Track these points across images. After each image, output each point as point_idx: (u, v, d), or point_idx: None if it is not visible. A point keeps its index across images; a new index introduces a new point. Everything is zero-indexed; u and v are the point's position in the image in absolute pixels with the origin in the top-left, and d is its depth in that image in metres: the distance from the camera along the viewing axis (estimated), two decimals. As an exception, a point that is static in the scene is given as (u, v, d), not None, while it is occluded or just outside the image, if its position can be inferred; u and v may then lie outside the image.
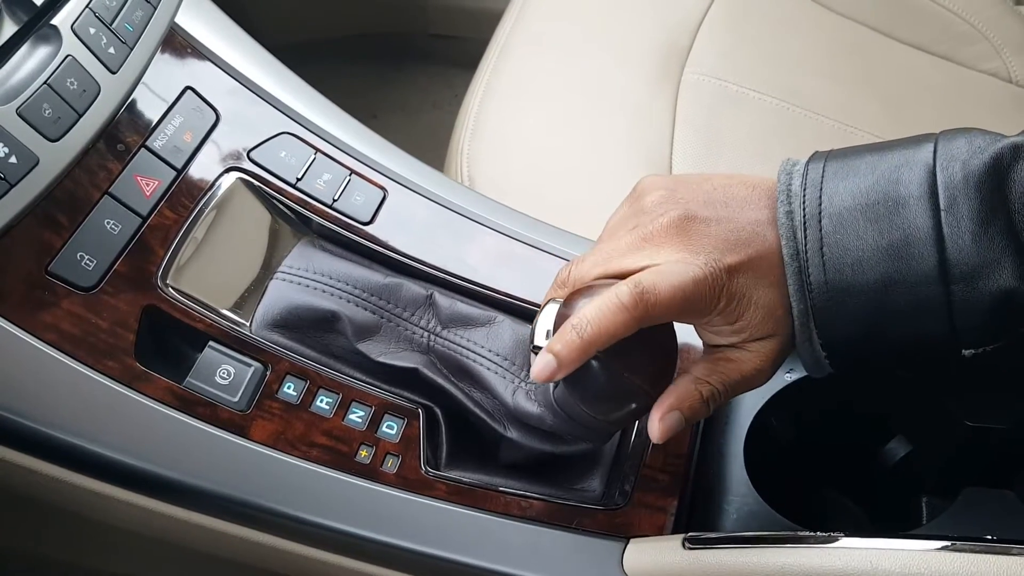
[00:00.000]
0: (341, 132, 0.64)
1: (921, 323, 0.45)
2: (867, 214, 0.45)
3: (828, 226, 0.46)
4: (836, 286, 0.46)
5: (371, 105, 1.39)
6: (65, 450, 0.51)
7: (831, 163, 0.48)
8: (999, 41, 1.06)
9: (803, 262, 0.46)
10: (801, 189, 0.47)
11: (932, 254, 0.44)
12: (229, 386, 0.53)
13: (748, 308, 0.47)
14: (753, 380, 0.49)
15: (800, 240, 0.46)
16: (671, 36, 0.97)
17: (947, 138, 0.46)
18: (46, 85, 0.52)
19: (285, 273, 0.58)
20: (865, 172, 0.46)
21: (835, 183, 0.47)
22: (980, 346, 0.47)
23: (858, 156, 0.48)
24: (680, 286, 0.46)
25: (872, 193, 0.46)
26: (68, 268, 0.52)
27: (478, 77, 0.93)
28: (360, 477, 0.53)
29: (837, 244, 0.45)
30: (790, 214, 0.47)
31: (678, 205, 0.49)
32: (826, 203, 0.46)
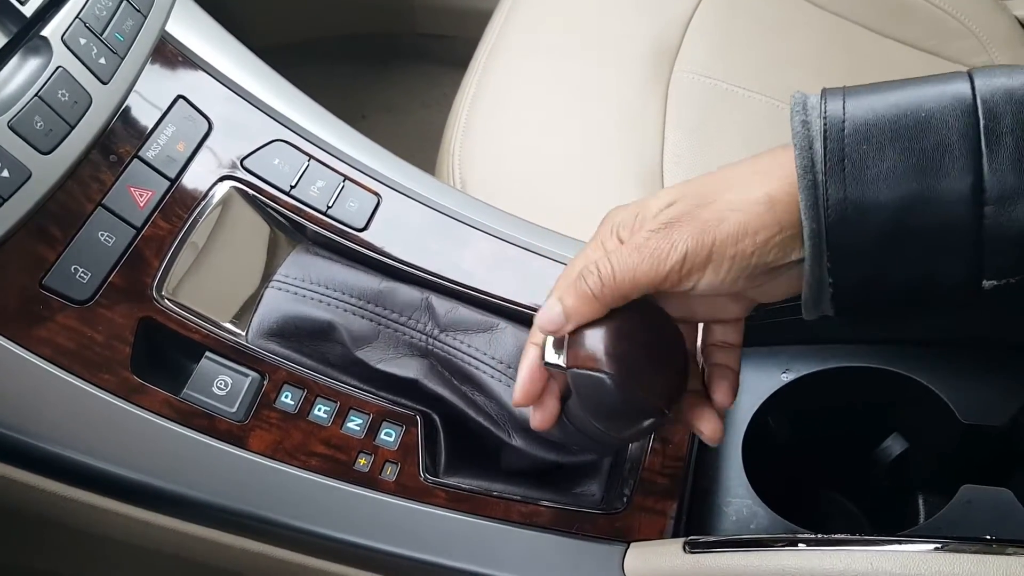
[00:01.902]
0: (334, 138, 0.64)
1: (945, 247, 0.42)
2: (894, 128, 0.42)
3: (851, 137, 0.42)
4: (855, 202, 0.42)
5: (360, 105, 1.39)
6: (62, 465, 0.50)
7: (851, 89, 0.44)
8: (985, 37, 1.06)
9: (820, 175, 0.42)
10: (820, 101, 0.43)
11: (967, 173, 0.40)
12: (226, 397, 0.53)
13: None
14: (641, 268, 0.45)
15: (817, 151, 0.42)
16: (661, 35, 0.96)
17: (982, 70, 0.43)
18: (37, 97, 0.51)
19: (280, 282, 0.58)
20: (892, 90, 0.43)
21: (858, 99, 0.43)
22: (1003, 277, 0.42)
23: (881, 86, 0.44)
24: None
25: (901, 108, 0.42)
26: (62, 281, 0.52)
27: (468, 77, 0.93)
28: (359, 485, 0.53)
29: (859, 157, 0.42)
30: (806, 124, 0.43)
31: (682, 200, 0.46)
32: (849, 114, 0.42)
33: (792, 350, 0.62)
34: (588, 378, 0.46)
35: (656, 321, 0.48)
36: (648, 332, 0.47)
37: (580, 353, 0.46)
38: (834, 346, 0.61)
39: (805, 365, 0.61)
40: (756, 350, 0.63)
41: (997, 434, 0.56)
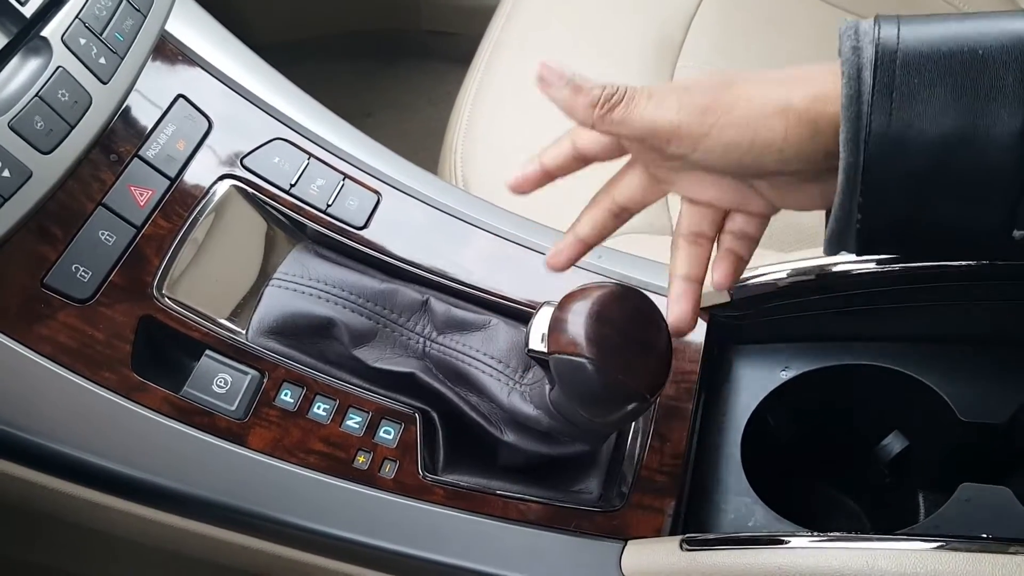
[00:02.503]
0: (334, 136, 0.64)
1: (983, 192, 0.41)
2: (948, 62, 0.40)
3: (902, 68, 0.40)
4: (897, 137, 0.40)
5: (366, 103, 1.39)
6: (63, 462, 0.51)
7: (905, 17, 0.42)
8: (993, 30, 1.06)
9: (865, 106, 0.40)
10: (874, 27, 0.41)
11: (1017, 116, 0.39)
12: (226, 395, 0.53)
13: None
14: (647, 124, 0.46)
15: (866, 81, 0.40)
16: (664, 30, 0.96)
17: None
18: (37, 97, 0.52)
19: (280, 280, 0.58)
20: (948, 22, 0.41)
21: (913, 27, 0.41)
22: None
23: (938, 18, 0.42)
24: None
25: (957, 43, 0.40)
26: (63, 280, 0.52)
27: (470, 75, 0.93)
28: (358, 483, 0.53)
29: (909, 90, 0.40)
30: (857, 50, 0.41)
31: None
32: (903, 42, 0.40)
33: (792, 347, 0.62)
34: (569, 363, 0.46)
35: (639, 307, 0.49)
36: (630, 318, 0.48)
37: (561, 339, 0.47)
38: (834, 343, 0.61)
39: (804, 362, 0.61)
40: (755, 347, 0.63)
41: (997, 432, 0.55)
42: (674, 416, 0.58)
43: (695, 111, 0.44)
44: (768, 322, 0.61)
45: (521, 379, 0.55)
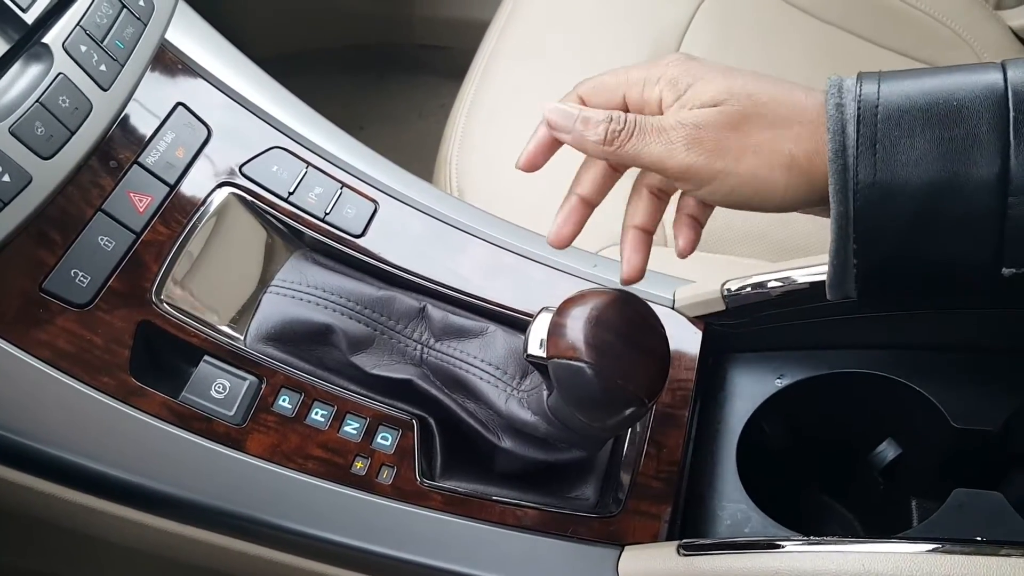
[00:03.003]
0: (332, 145, 0.65)
1: (969, 233, 0.43)
2: (926, 114, 0.42)
3: (884, 121, 0.43)
4: (884, 186, 0.42)
5: (358, 116, 1.40)
6: (61, 467, 0.51)
7: (886, 74, 0.45)
8: (979, 46, 1.07)
9: (851, 159, 0.43)
10: (856, 85, 0.44)
11: (994, 162, 0.41)
12: (224, 400, 0.53)
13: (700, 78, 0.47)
14: (659, 162, 0.47)
15: (850, 135, 0.43)
16: (657, 44, 0.97)
17: (1017, 61, 0.44)
18: (38, 103, 0.52)
19: (279, 287, 0.58)
20: (925, 76, 0.44)
21: (893, 83, 0.44)
22: (1022, 266, 0.43)
23: (915, 72, 0.45)
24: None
25: (933, 96, 0.43)
26: (62, 285, 0.52)
27: (465, 87, 0.93)
28: (356, 489, 0.53)
29: (891, 142, 0.42)
30: (840, 107, 0.44)
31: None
32: (884, 98, 0.43)
33: (786, 355, 0.62)
34: (568, 368, 0.47)
35: (638, 312, 0.49)
36: (628, 323, 0.48)
37: (560, 344, 0.47)
38: (828, 352, 0.61)
39: (799, 371, 0.61)
40: (751, 356, 0.63)
41: (989, 438, 0.56)
42: (670, 423, 0.58)
43: (703, 154, 0.45)
44: (763, 331, 0.62)
45: (518, 386, 0.56)
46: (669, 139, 0.46)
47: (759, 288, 0.60)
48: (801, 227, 0.87)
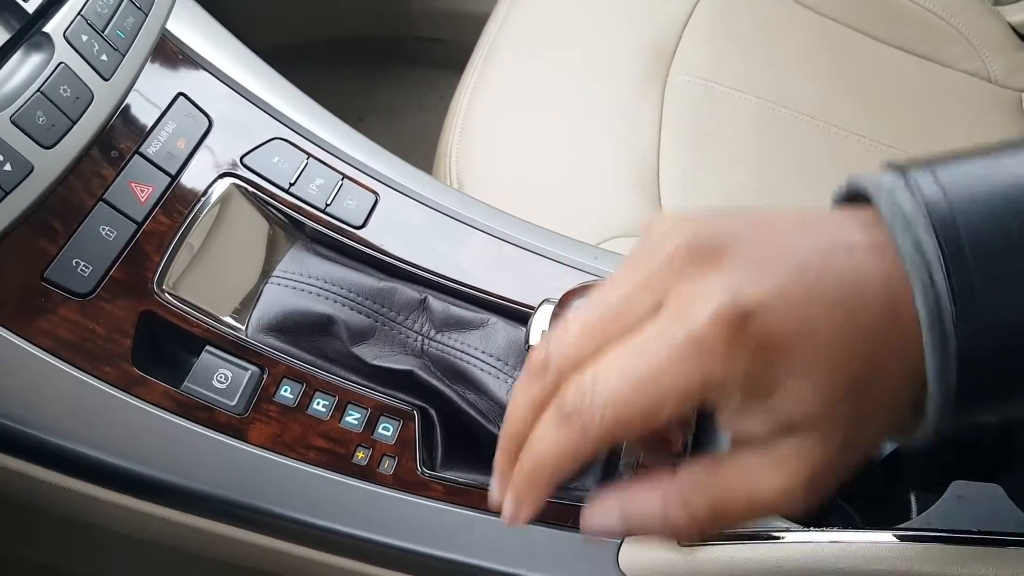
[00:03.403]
0: (332, 137, 0.65)
1: None
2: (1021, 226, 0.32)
3: (976, 258, 0.31)
4: (998, 353, 0.32)
5: (357, 108, 1.39)
6: (63, 455, 0.51)
7: (941, 171, 0.33)
8: (978, 41, 1.07)
9: (948, 323, 0.31)
10: (920, 209, 0.32)
11: None
12: (226, 390, 0.53)
13: (790, 375, 0.31)
14: (769, 505, 0.33)
15: (940, 284, 0.31)
16: (657, 38, 0.97)
17: None
18: (39, 92, 0.52)
19: (280, 278, 0.58)
20: (994, 175, 0.33)
21: (963, 194, 0.32)
22: None
23: (971, 159, 0.34)
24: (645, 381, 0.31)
25: (1019, 199, 0.32)
26: (64, 275, 0.52)
27: (465, 80, 0.93)
28: (357, 478, 0.53)
29: (994, 291, 0.31)
30: (919, 244, 0.32)
31: (691, 223, 0.33)
32: (965, 227, 0.31)
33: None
34: None
35: None
36: None
37: None
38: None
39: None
40: (750, 347, 0.63)
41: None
42: (670, 414, 0.58)
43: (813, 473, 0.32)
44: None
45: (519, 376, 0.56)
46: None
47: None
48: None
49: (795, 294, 0.31)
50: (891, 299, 0.32)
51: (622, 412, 0.32)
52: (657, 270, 0.32)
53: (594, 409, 0.32)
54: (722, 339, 0.30)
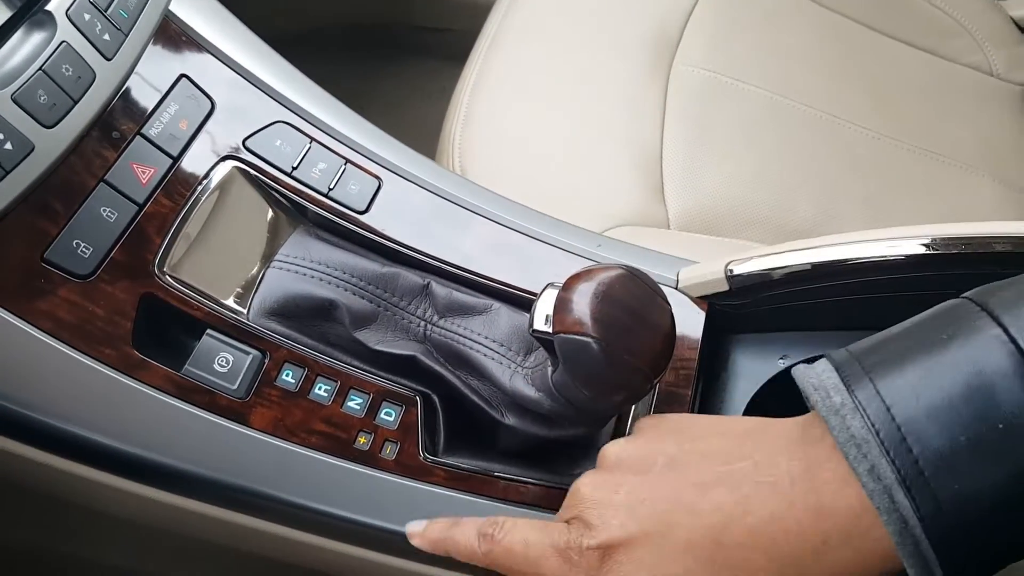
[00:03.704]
0: (336, 121, 0.64)
1: None
2: (977, 448, 0.34)
3: (936, 477, 0.34)
4: (972, 551, 0.35)
5: (358, 97, 1.38)
6: (62, 439, 0.50)
7: (882, 384, 0.36)
8: (981, 35, 1.07)
9: (921, 534, 0.34)
10: (870, 430, 0.35)
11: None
12: (228, 374, 0.53)
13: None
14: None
15: (904, 503, 0.34)
16: (661, 28, 0.97)
17: (1016, 322, 0.36)
18: (41, 71, 0.51)
19: (282, 262, 0.58)
20: (937, 389, 0.35)
21: (909, 411, 0.35)
22: None
23: (909, 365, 0.37)
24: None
25: (970, 420, 0.34)
26: (64, 256, 0.52)
27: (469, 68, 0.93)
28: (359, 463, 0.53)
29: (957, 497, 0.34)
30: (873, 471, 0.35)
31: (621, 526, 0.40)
32: (916, 444, 0.35)
33: (790, 336, 0.62)
34: (574, 343, 0.46)
35: (644, 288, 0.49)
36: (635, 298, 0.48)
37: (567, 319, 0.47)
38: (832, 333, 0.61)
39: (803, 351, 0.61)
40: (754, 336, 0.63)
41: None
42: (673, 402, 0.58)
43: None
44: (767, 311, 0.62)
45: (523, 362, 0.55)
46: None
47: (762, 269, 0.60)
48: (804, 212, 0.87)
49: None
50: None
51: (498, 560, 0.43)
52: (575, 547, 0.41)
53: (493, 543, 0.43)
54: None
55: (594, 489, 0.41)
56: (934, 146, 0.96)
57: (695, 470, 0.40)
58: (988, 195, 0.94)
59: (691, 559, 0.38)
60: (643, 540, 0.38)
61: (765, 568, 0.37)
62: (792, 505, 0.37)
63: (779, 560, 0.37)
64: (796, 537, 0.37)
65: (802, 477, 0.37)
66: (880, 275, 0.58)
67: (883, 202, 0.90)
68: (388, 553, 0.53)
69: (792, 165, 0.89)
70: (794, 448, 0.39)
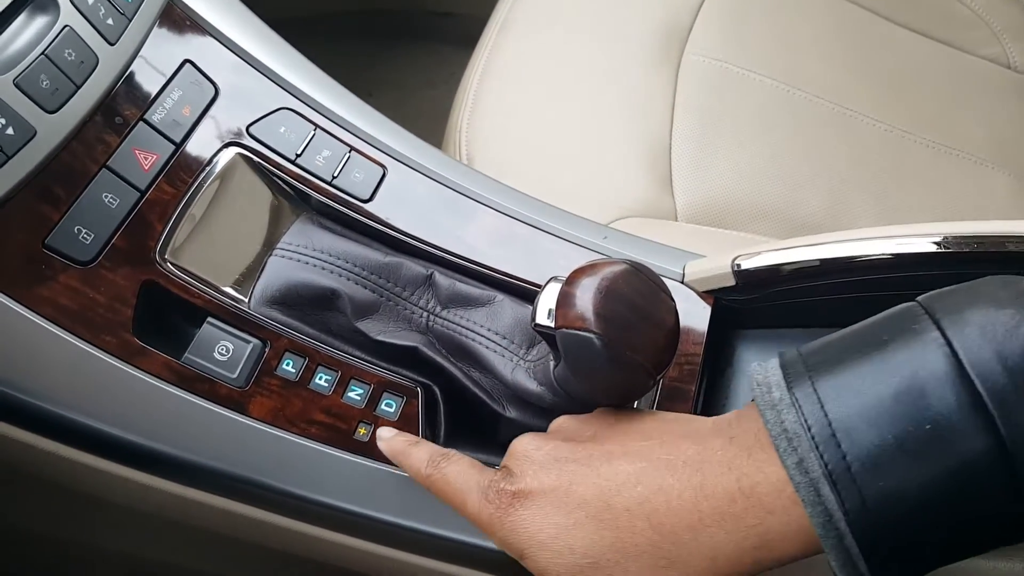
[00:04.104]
0: (341, 108, 0.64)
1: (996, 541, 0.37)
2: (904, 447, 0.35)
3: (862, 474, 0.36)
4: (897, 548, 0.36)
5: (367, 83, 1.38)
6: (62, 425, 0.50)
7: (821, 382, 0.38)
8: (999, 27, 1.06)
9: (845, 528, 0.36)
10: (802, 425, 0.37)
11: (1001, 479, 0.35)
12: (228, 362, 0.53)
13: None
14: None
15: (830, 497, 0.36)
16: (672, 16, 0.96)
17: (954, 327, 0.37)
18: (43, 56, 0.51)
19: (284, 250, 0.57)
20: (871, 389, 0.37)
21: (842, 409, 0.37)
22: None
23: (849, 365, 0.38)
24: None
25: (900, 419, 0.36)
26: (66, 242, 0.52)
27: (477, 55, 0.92)
28: (358, 454, 0.52)
29: (881, 493, 0.35)
30: (801, 464, 0.37)
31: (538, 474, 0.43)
32: (846, 441, 0.36)
33: (793, 333, 0.62)
34: (576, 338, 0.46)
35: (648, 284, 0.48)
36: (639, 294, 0.47)
37: (569, 313, 0.46)
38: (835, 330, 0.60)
39: (808, 348, 0.61)
40: (759, 332, 0.62)
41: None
42: (677, 397, 0.57)
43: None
44: (772, 307, 0.61)
45: (525, 355, 0.55)
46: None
47: (770, 264, 0.59)
48: (814, 207, 0.86)
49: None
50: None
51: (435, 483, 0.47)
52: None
53: (437, 468, 0.47)
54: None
55: (524, 446, 0.46)
56: (948, 140, 0.95)
57: (612, 442, 0.44)
58: (1003, 191, 0.93)
59: (582, 514, 0.41)
60: (548, 492, 0.42)
61: (644, 534, 0.40)
62: (679, 482, 0.40)
63: (658, 529, 0.40)
64: (675, 511, 0.39)
65: (694, 459, 0.40)
66: (890, 273, 0.57)
67: (895, 197, 0.89)
68: (386, 544, 0.53)
69: (802, 158, 0.88)
70: (702, 437, 0.42)
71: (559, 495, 0.42)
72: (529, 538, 0.42)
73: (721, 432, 0.41)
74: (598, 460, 0.43)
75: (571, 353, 0.47)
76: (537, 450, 0.45)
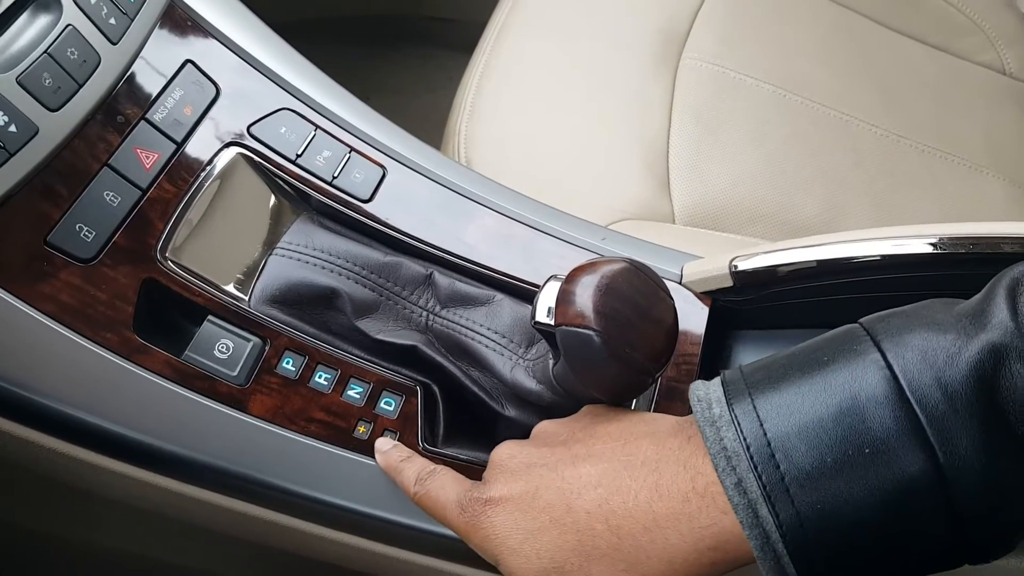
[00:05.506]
0: (341, 109, 0.64)
1: (934, 565, 0.37)
2: (843, 469, 0.36)
3: (800, 494, 0.36)
4: (831, 568, 0.36)
5: (365, 87, 1.38)
6: (62, 421, 0.51)
7: (760, 400, 0.38)
8: (994, 33, 1.06)
9: (782, 549, 0.36)
10: (741, 443, 0.37)
11: (937, 504, 0.35)
12: (228, 360, 0.53)
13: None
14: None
15: (767, 518, 0.36)
16: (670, 21, 0.97)
17: (895, 349, 0.37)
18: (46, 54, 0.51)
19: (284, 249, 0.58)
20: (811, 409, 0.37)
21: (781, 428, 0.37)
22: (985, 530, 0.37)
23: (790, 384, 0.38)
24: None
25: (839, 441, 0.36)
26: (67, 239, 0.52)
27: (476, 59, 0.92)
28: (358, 452, 0.53)
29: (819, 515, 0.36)
30: (739, 485, 0.37)
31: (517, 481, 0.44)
32: (784, 461, 0.36)
33: (790, 333, 0.62)
34: (576, 335, 0.46)
35: (648, 282, 0.48)
36: (638, 292, 0.48)
37: (569, 311, 0.46)
38: (835, 330, 0.61)
39: (805, 349, 0.61)
40: (756, 333, 0.63)
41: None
42: (674, 397, 0.58)
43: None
44: (769, 308, 0.61)
45: (524, 354, 0.55)
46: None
47: (767, 265, 0.59)
48: (811, 209, 0.86)
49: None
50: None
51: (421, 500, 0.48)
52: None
53: (422, 485, 0.48)
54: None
55: (500, 455, 0.46)
56: (943, 145, 0.95)
57: (580, 445, 0.44)
58: (998, 195, 0.94)
59: (547, 518, 0.41)
60: (516, 499, 0.43)
61: (604, 536, 0.40)
62: (636, 482, 0.40)
63: (616, 531, 0.40)
64: (631, 512, 0.40)
65: (652, 458, 0.41)
66: (886, 274, 0.58)
67: (891, 201, 0.90)
68: (384, 542, 0.53)
69: (799, 162, 0.89)
70: (661, 436, 0.42)
71: (526, 500, 0.42)
72: (499, 543, 0.42)
73: (681, 431, 0.42)
74: (564, 464, 0.43)
75: (570, 350, 0.47)
76: (511, 458, 0.45)
